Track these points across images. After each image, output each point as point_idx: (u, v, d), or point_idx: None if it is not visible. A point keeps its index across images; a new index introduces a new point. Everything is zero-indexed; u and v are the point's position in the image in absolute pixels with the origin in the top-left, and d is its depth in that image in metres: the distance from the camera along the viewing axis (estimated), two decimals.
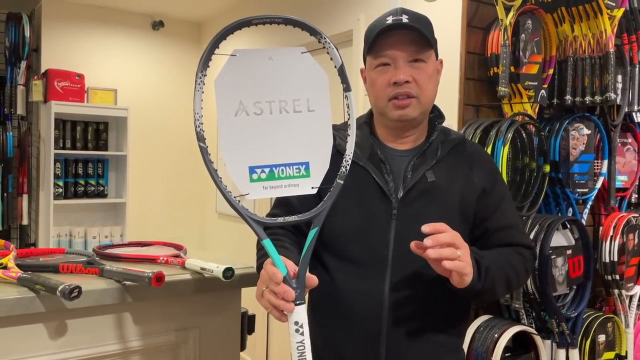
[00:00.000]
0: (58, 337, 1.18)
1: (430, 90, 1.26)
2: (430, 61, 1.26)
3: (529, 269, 1.33)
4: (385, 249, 1.24)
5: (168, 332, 1.32)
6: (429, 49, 1.25)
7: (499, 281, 1.21)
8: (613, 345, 2.35)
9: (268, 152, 0.96)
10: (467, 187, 1.28)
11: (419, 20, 1.26)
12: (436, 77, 1.29)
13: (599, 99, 2.17)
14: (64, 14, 4.07)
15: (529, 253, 1.33)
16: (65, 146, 3.83)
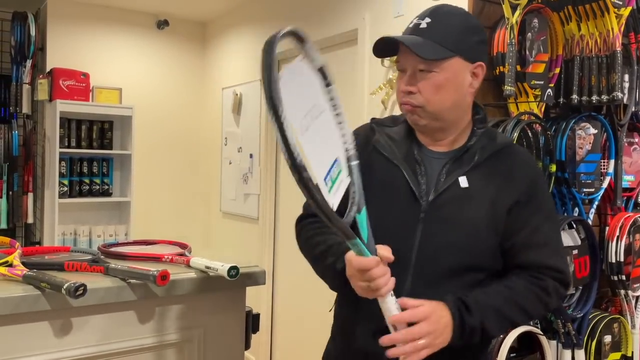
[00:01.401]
0: (63, 335, 1.18)
1: (439, 99, 1.20)
2: (444, 69, 1.19)
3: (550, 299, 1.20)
4: (410, 251, 1.22)
5: (172, 331, 1.32)
6: (445, 59, 1.19)
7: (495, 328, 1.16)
8: (619, 346, 2.34)
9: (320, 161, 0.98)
10: (500, 197, 1.21)
11: (438, 26, 1.19)
12: (457, 83, 1.21)
13: (606, 99, 2.15)
14: (69, 13, 4.08)
15: (553, 279, 1.20)
16: (70, 145, 3.83)
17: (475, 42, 1.22)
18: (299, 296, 3.39)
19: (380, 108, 2.68)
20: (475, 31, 1.23)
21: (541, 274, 1.19)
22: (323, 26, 3.14)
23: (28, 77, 3.83)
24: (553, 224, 1.27)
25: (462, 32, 1.21)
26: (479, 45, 1.23)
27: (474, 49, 1.22)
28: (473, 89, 1.24)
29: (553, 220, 1.27)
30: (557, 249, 1.24)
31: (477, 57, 1.22)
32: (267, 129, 3.76)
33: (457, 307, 1.12)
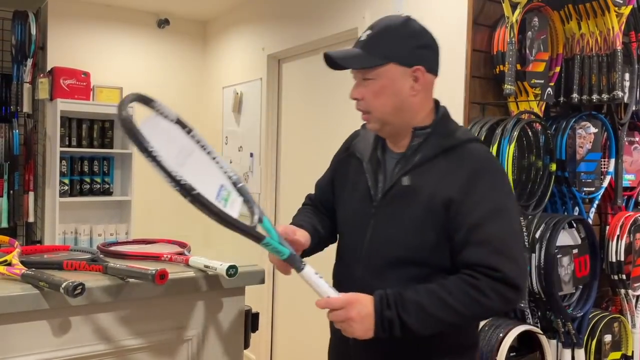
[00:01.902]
0: (62, 334, 1.18)
1: (380, 104, 1.29)
2: (381, 76, 1.27)
3: (486, 299, 1.16)
4: (361, 244, 1.33)
5: (172, 330, 1.32)
6: (377, 67, 1.27)
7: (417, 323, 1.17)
8: (619, 345, 2.34)
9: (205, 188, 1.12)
10: (437, 193, 1.24)
11: (374, 37, 1.29)
12: (395, 88, 1.27)
13: (606, 97, 2.15)
14: (70, 12, 4.08)
15: (490, 278, 1.16)
16: (71, 144, 3.84)
17: (413, 47, 1.27)
18: (300, 295, 3.39)
19: None
20: (413, 37, 1.28)
21: (475, 272, 1.17)
22: (323, 25, 3.14)
23: (29, 76, 3.83)
24: (500, 220, 1.20)
25: (396, 39, 1.27)
26: (417, 50, 1.28)
27: (410, 55, 1.27)
28: (416, 91, 1.28)
29: (502, 217, 1.20)
30: (499, 248, 1.17)
31: (415, 62, 1.27)
32: (267, 128, 3.75)
33: (379, 301, 1.18)
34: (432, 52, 1.32)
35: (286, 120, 3.72)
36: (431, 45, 1.32)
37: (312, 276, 1.21)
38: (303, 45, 3.35)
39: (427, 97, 1.33)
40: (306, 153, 3.45)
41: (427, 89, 1.31)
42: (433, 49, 1.32)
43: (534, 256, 2.06)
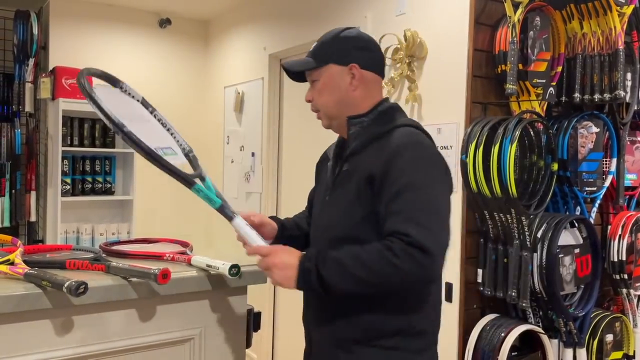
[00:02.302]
0: (64, 333, 1.19)
1: (324, 100, 1.45)
2: (322, 76, 1.44)
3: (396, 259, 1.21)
4: (315, 231, 1.52)
5: (174, 329, 1.33)
6: (318, 69, 1.44)
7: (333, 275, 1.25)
8: (621, 344, 2.34)
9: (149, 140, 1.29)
10: (363, 173, 1.36)
11: (318, 44, 1.47)
12: (336, 85, 1.43)
13: (608, 97, 2.15)
14: (71, 12, 4.08)
15: (401, 241, 1.21)
16: (72, 143, 3.84)
17: (348, 48, 1.43)
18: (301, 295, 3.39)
19: None
20: (349, 40, 1.44)
21: (391, 237, 1.24)
22: (325, 25, 3.14)
23: (31, 76, 3.83)
24: (415, 193, 1.27)
25: (334, 43, 1.45)
26: (354, 50, 1.43)
27: (346, 55, 1.42)
28: (355, 86, 1.42)
29: (417, 190, 1.27)
30: (411, 216, 1.24)
31: (351, 60, 1.42)
32: (269, 127, 3.76)
33: (304, 254, 1.29)
34: (368, 52, 1.45)
35: (287, 120, 3.72)
36: (368, 47, 1.46)
37: (243, 227, 1.34)
38: (304, 45, 3.35)
39: (369, 92, 1.44)
40: (307, 152, 3.45)
41: (366, 84, 1.43)
42: (370, 50, 1.46)
43: (535, 256, 2.06)
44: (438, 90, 2.39)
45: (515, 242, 2.04)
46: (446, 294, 2.29)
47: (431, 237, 1.22)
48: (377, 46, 1.50)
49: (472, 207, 2.18)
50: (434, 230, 1.24)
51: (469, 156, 2.06)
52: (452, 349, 2.24)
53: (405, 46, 2.49)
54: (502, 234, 2.09)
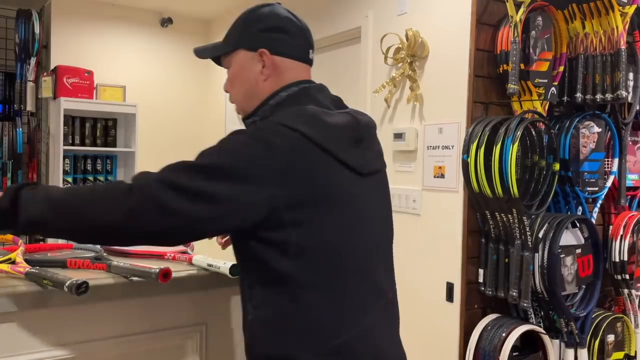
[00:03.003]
0: (66, 332, 1.19)
1: (235, 92, 1.27)
2: (233, 64, 1.25)
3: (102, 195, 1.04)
4: None
5: (175, 328, 1.33)
6: (228, 55, 1.26)
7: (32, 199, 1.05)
8: (622, 345, 2.33)
9: None
10: None
11: (230, 28, 1.28)
12: (245, 74, 1.23)
13: (610, 97, 2.15)
14: (73, 11, 4.08)
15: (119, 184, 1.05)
16: (74, 142, 3.84)
17: (256, 31, 1.22)
18: None
19: (384, 106, 2.68)
20: (260, 21, 1.23)
21: None
22: (326, 24, 3.14)
23: (32, 75, 3.84)
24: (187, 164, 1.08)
25: (243, 26, 1.25)
26: (262, 33, 1.22)
27: (254, 39, 1.22)
28: (266, 75, 1.21)
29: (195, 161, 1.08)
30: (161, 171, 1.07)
31: (259, 45, 1.21)
32: None
33: None
34: (281, 34, 1.22)
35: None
36: (281, 27, 1.23)
37: None
38: None
39: (280, 82, 1.21)
40: None
41: (280, 73, 1.21)
42: (284, 31, 1.23)
43: (537, 256, 2.06)
44: (440, 90, 2.39)
45: (516, 242, 2.04)
46: (447, 293, 2.29)
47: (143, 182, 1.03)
48: (299, 26, 1.25)
49: (474, 207, 2.18)
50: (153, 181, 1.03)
51: (470, 156, 2.05)
52: (453, 349, 2.24)
53: (406, 46, 2.49)
54: (504, 234, 2.09)
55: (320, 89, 1.24)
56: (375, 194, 1.20)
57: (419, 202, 2.46)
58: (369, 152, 1.20)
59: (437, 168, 2.38)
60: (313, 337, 1.07)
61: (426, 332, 2.38)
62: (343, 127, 1.13)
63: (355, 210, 1.12)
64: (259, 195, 1.02)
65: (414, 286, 2.47)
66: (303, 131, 1.06)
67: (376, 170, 1.22)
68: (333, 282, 1.08)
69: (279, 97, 1.19)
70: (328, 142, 1.08)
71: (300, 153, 1.05)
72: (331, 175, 1.08)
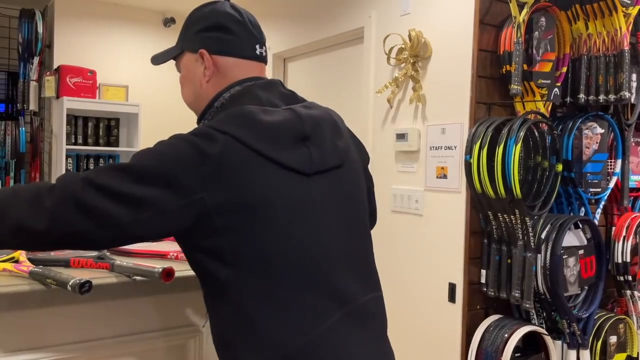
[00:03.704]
0: (68, 332, 1.19)
1: (184, 95, 1.25)
2: (182, 67, 1.24)
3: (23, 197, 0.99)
4: None
5: (177, 328, 1.33)
6: (179, 57, 1.25)
7: None
8: (624, 346, 2.33)
9: None
10: None
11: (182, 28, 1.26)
12: (190, 77, 1.22)
13: (613, 98, 2.14)
14: (76, 11, 4.09)
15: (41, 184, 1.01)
16: (76, 142, 3.85)
17: (196, 31, 1.20)
18: None
19: (386, 106, 2.68)
20: (199, 21, 1.21)
21: None
22: (329, 24, 3.14)
23: (35, 74, 3.85)
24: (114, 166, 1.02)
25: (185, 27, 1.24)
26: (201, 33, 1.20)
27: (195, 40, 1.20)
28: (207, 76, 1.18)
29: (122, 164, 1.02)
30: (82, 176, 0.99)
31: (198, 46, 1.19)
32: None
33: None
34: (220, 32, 1.18)
35: None
36: (219, 25, 1.18)
37: None
38: (309, 45, 3.35)
39: (225, 82, 1.17)
40: None
41: (222, 73, 1.17)
42: (223, 28, 1.18)
43: (539, 257, 2.06)
44: (442, 91, 2.39)
45: (519, 242, 2.04)
46: (449, 294, 2.29)
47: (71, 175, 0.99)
48: (240, 22, 1.19)
49: (476, 207, 2.18)
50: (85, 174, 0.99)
51: (473, 156, 2.05)
52: (455, 349, 2.24)
53: (409, 46, 2.49)
54: (506, 235, 2.08)
55: (266, 85, 1.17)
56: (329, 193, 1.10)
57: (422, 203, 2.46)
58: (317, 149, 1.09)
59: (439, 168, 2.38)
60: (261, 347, 1.03)
61: (428, 332, 2.38)
62: (281, 125, 1.06)
63: (299, 213, 1.05)
64: (185, 200, 0.97)
65: (416, 286, 2.47)
66: (232, 133, 1.01)
67: (332, 167, 1.12)
68: (275, 290, 1.02)
69: (222, 98, 1.16)
70: (260, 142, 1.02)
71: (229, 156, 1.00)
72: (264, 178, 1.02)
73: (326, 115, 1.18)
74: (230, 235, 1.00)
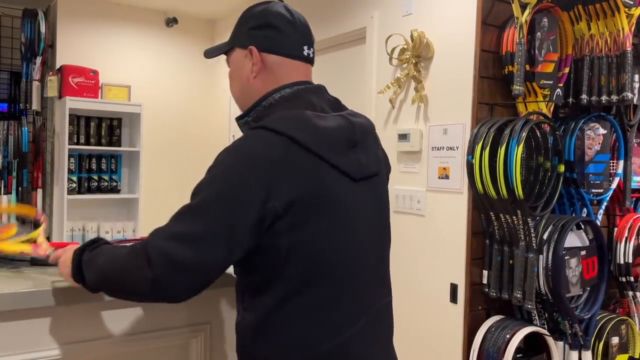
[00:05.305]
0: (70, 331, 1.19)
1: (232, 90, 1.28)
2: (231, 62, 1.26)
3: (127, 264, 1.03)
4: None
5: (179, 327, 1.33)
6: (230, 53, 1.27)
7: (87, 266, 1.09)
8: (626, 347, 2.33)
9: None
10: None
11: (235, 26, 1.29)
12: (238, 73, 1.24)
13: (616, 99, 2.14)
14: (79, 11, 4.10)
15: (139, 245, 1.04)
16: (79, 142, 3.86)
17: (248, 29, 1.23)
18: None
19: (388, 107, 2.68)
20: (251, 19, 1.24)
21: None
22: (332, 24, 3.14)
23: (38, 74, 3.85)
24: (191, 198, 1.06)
25: (239, 25, 1.27)
26: (252, 31, 1.22)
27: (245, 36, 1.23)
28: (255, 72, 1.20)
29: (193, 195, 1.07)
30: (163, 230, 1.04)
31: (248, 43, 1.21)
32: None
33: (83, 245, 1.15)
34: (271, 30, 1.21)
35: None
36: (270, 24, 1.21)
37: None
38: None
39: (274, 80, 1.19)
40: None
41: (269, 70, 1.19)
42: (273, 27, 1.21)
43: (541, 257, 2.05)
44: (445, 91, 2.39)
45: (521, 243, 2.04)
46: (451, 295, 2.29)
47: (157, 242, 1.01)
48: (291, 22, 1.22)
49: (478, 208, 2.18)
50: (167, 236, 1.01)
51: (475, 157, 2.05)
52: (456, 350, 2.24)
53: (411, 46, 2.49)
54: (508, 236, 2.08)
55: (316, 90, 1.20)
56: (369, 199, 1.17)
57: (424, 203, 2.46)
58: (365, 156, 1.16)
59: (441, 169, 2.38)
60: (292, 346, 1.06)
61: (430, 333, 2.38)
62: (336, 131, 1.10)
63: (347, 217, 1.10)
64: (255, 211, 1.01)
65: (418, 287, 2.47)
66: (290, 135, 1.04)
67: (372, 174, 1.18)
68: (316, 291, 1.06)
69: (272, 98, 1.17)
70: (319, 146, 1.06)
71: (288, 158, 1.03)
72: (322, 180, 1.06)
73: (369, 124, 1.22)
74: (289, 234, 1.03)
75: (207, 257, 1.00)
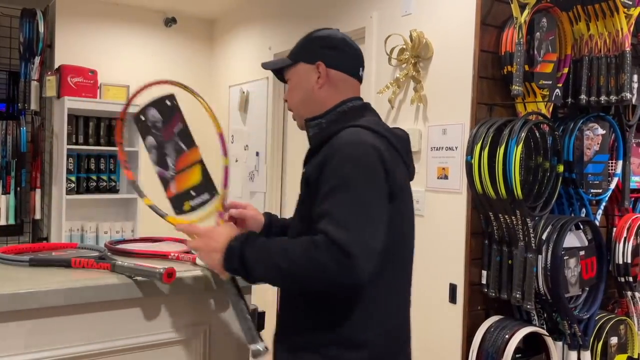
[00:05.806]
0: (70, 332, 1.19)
1: (292, 99, 1.47)
2: (293, 75, 1.45)
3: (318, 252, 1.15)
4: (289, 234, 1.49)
5: (178, 328, 1.33)
6: (289, 69, 1.47)
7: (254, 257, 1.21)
8: (625, 347, 2.33)
9: None
10: (306, 174, 1.35)
11: (295, 47, 1.49)
12: (303, 84, 1.43)
13: (615, 99, 2.14)
14: (77, 10, 4.09)
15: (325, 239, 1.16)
16: (77, 141, 3.85)
17: (317, 47, 1.44)
18: None
19: (387, 107, 2.68)
20: (319, 40, 1.45)
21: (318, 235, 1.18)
22: (330, 24, 3.12)
23: (36, 74, 3.85)
24: (342, 194, 1.20)
25: (306, 43, 1.47)
26: (320, 49, 1.43)
27: (314, 53, 1.43)
28: (320, 84, 1.40)
29: (343, 192, 1.20)
30: (337, 219, 1.17)
31: (317, 58, 1.41)
32: (273, 127, 3.76)
33: (234, 237, 1.26)
34: (337, 52, 1.43)
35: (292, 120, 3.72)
36: (337, 46, 1.43)
37: None
38: None
39: (336, 92, 1.41)
40: None
41: (333, 83, 1.41)
42: (340, 50, 1.43)
43: (540, 257, 2.06)
44: (444, 91, 2.39)
45: (520, 243, 2.04)
46: (450, 295, 2.29)
47: (352, 238, 1.14)
48: (351, 47, 1.46)
49: (477, 208, 2.18)
50: (356, 231, 1.16)
51: (474, 157, 2.05)
52: (455, 350, 2.24)
53: (411, 46, 2.49)
54: (507, 236, 2.08)
55: (371, 106, 1.46)
56: (411, 199, 1.43)
57: (423, 203, 2.46)
58: (412, 162, 1.44)
59: (440, 169, 2.38)
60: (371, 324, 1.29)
61: (429, 333, 2.38)
62: (402, 138, 1.39)
63: (411, 212, 1.39)
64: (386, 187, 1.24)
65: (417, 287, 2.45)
66: (385, 135, 1.30)
67: (411, 180, 1.44)
68: (392, 274, 1.33)
69: (345, 106, 1.39)
70: (398, 145, 1.32)
71: (389, 154, 1.26)
72: (403, 176, 1.32)
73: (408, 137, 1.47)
74: None
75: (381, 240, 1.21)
